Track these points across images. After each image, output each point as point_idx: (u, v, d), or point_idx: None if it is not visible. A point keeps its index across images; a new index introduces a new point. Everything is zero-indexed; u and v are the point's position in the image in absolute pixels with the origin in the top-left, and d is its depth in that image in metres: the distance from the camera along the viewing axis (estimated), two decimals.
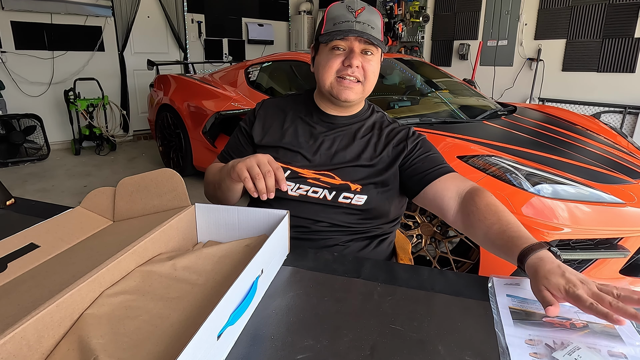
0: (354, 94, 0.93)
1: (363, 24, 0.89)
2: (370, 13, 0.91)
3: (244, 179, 0.77)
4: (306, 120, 1.02)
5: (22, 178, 3.72)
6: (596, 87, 4.32)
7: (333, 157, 0.97)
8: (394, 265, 0.80)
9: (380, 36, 0.92)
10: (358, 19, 0.89)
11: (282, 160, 0.98)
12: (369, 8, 0.92)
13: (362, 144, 0.99)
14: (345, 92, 0.93)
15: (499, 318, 0.62)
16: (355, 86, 0.93)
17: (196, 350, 0.44)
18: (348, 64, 0.90)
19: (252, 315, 0.62)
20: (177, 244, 0.79)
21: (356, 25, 0.89)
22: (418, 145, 0.99)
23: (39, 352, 0.50)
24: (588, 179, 1.75)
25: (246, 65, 3.38)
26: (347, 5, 0.91)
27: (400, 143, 0.99)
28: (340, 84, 0.93)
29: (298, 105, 1.05)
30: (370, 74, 0.93)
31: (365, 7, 0.91)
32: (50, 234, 0.80)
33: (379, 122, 1.05)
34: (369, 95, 1.00)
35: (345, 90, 0.93)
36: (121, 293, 0.62)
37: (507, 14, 4.75)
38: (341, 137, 1.00)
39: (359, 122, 1.02)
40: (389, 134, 1.02)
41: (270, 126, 1.03)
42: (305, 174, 0.96)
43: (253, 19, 6.10)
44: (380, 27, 0.92)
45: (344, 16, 0.90)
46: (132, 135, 5.24)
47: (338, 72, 0.92)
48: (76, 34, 4.58)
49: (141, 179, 0.86)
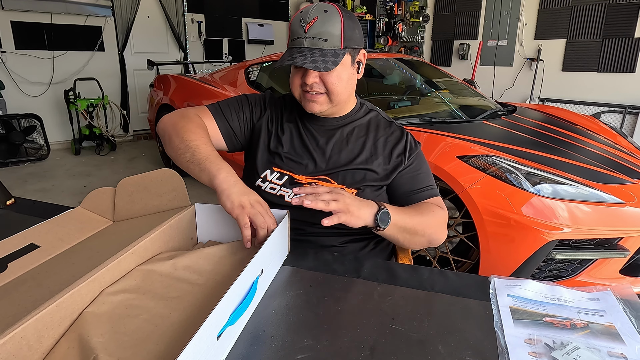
0: (320, 106, 0.94)
1: (313, 39, 0.86)
2: (323, 22, 0.86)
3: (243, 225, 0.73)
4: (300, 125, 1.02)
5: (22, 178, 3.72)
6: (596, 87, 4.32)
7: (328, 162, 0.97)
8: (394, 265, 0.80)
9: (339, 43, 0.87)
10: (308, 33, 0.86)
11: (279, 167, 0.98)
12: (323, 16, 0.86)
13: (357, 146, 0.99)
14: (310, 105, 0.94)
15: (499, 318, 0.62)
16: (318, 98, 0.92)
17: (196, 350, 0.44)
18: (305, 82, 0.90)
19: (252, 315, 0.62)
20: (177, 244, 0.79)
21: (306, 41, 0.87)
22: (414, 161, 1.01)
23: (39, 351, 0.50)
24: (588, 179, 1.75)
25: (246, 65, 3.38)
26: (301, 18, 0.88)
27: (399, 156, 1.00)
28: (305, 97, 0.93)
29: (295, 108, 1.05)
30: (332, 85, 0.90)
31: (317, 17, 0.86)
32: (51, 234, 0.80)
33: (375, 121, 1.04)
34: (369, 94, 0.99)
35: (310, 103, 0.93)
36: (121, 292, 0.62)
37: (507, 14, 4.75)
38: (334, 140, 0.99)
39: (351, 122, 1.02)
40: (387, 139, 1.01)
41: (272, 128, 1.03)
42: (301, 180, 0.96)
43: (253, 19, 6.10)
44: (339, 32, 0.87)
45: (296, 32, 0.88)
46: (132, 135, 5.24)
47: (302, 86, 0.92)
48: (76, 34, 4.57)
49: (141, 179, 0.86)
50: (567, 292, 0.69)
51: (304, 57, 0.86)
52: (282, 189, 0.96)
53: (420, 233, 0.90)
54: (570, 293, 0.68)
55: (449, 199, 1.91)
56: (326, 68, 0.86)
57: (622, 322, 0.61)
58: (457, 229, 1.93)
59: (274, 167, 0.98)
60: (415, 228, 0.89)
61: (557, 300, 0.66)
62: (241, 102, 1.05)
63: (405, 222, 0.87)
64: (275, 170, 0.98)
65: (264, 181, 0.98)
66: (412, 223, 0.89)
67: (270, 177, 0.98)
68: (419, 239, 0.91)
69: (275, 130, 1.02)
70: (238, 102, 1.05)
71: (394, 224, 0.85)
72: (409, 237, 0.90)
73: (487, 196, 1.72)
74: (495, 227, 1.70)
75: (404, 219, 0.87)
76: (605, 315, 0.63)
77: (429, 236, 0.92)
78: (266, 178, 0.98)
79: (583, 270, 1.68)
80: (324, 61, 0.86)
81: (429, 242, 0.94)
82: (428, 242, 0.94)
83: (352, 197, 0.81)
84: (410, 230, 0.89)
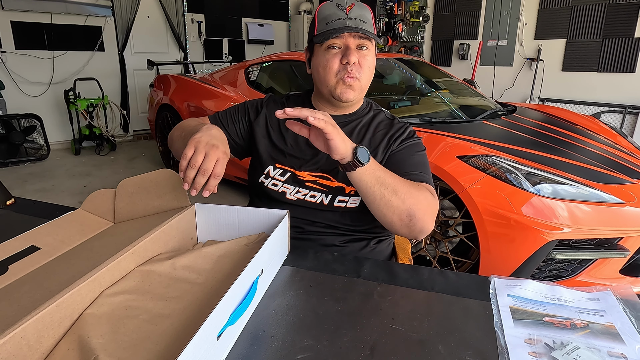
0: (354, 93, 0.94)
1: (355, 20, 0.90)
2: (360, 8, 0.92)
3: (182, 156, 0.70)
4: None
5: (22, 178, 3.72)
6: (596, 87, 4.32)
7: (328, 160, 0.97)
8: (394, 265, 0.80)
9: (373, 30, 0.92)
10: (350, 15, 0.90)
11: (281, 163, 0.98)
12: (359, 3, 0.92)
13: (357, 141, 0.99)
14: (347, 92, 0.93)
15: (499, 318, 0.62)
16: (354, 83, 0.93)
17: (196, 350, 0.44)
18: (346, 61, 0.90)
19: (252, 315, 0.62)
20: (177, 244, 0.79)
21: (349, 21, 0.89)
22: (404, 149, 0.98)
23: (39, 352, 0.50)
24: (588, 179, 1.75)
25: (246, 65, 3.38)
26: (337, 3, 0.91)
27: (389, 141, 0.98)
28: (344, 81, 0.93)
29: (297, 106, 1.05)
30: (366, 69, 0.93)
31: (355, 3, 0.91)
32: (51, 236, 0.80)
33: (378, 118, 1.04)
34: (369, 94, 1.00)
35: (347, 90, 0.93)
36: (121, 293, 0.62)
37: (507, 14, 4.75)
38: None
39: (356, 119, 1.02)
40: (387, 133, 1.00)
41: (273, 128, 1.03)
42: (303, 177, 0.96)
43: (253, 19, 6.10)
44: (371, 20, 0.93)
45: (335, 14, 0.90)
46: (132, 135, 5.24)
47: (339, 72, 0.92)
48: (76, 34, 4.57)
49: (141, 180, 0.86)
50: (567, 292, 0.69)
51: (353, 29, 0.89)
52: (284, 185, 0.96)
53: (400, 196, 0.81)
54: (570, 293, 0.68)
55: (449, 199, 1.91)
56: (374, 38, 0.91)
57: (622, 322, 0.61)
58: (457, 229, 1.93)
59: (276, 163, 0.98)
60: (395, 187, 0.81)
61: (557, 300, 0.66)
62: (239, 108, 1.07)
63: (385, 176, 0.81)
64: (277, 167, 0.98)
65: (266, 177, 0.98)
66: (392, 180, 0.82)
67: (273, 173, 0.98)
68: (397, 202, 0.81)
69: (278, 127, 1.02)
70: (236, 109, 1.07)
71: (372, 169, 0.79)
72: (387, 195, 0.80)
73: (487, 196, 1.72)
74: (495, 227, 1.70)
75: (385, 172, 0.82)
76: (605, 315, 0.63)
77: (409, 207, 0.81)
78: (269, 174, 0.98)
79: (583, 270, 1.68)
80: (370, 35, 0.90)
81: (409, 214, 0.82)
82: (409, 214, 0.82)
83: None
84: (388, 186, 0.81)
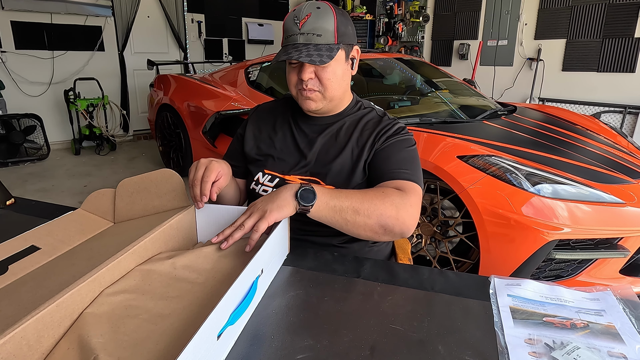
0: (315, 103, 0.94)
1: (307, 35, 0.87)
2: (316, 19, 0.87)
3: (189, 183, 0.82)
4: (294, 125, 1.02)
5: (22, 178, 3.72)
6: (596, 87, 4.31)
7: (317, 162, 0.97)
8: (394, 265, 0.80)
9: (332, 38, 0.88)
10: (302, 29, 0.87)
11: (271, 169, 0.98)
12: (316, 13, 0.87)
13: (343, 143, 0.97)
14: (307, 103, 0.94)
15: (499, 318, 0.62)
16: (313, 95, 0.93)
17: (196, 350, 0.44)
18: (301, 78, 0.90)
19: (252, 315, 0.62)
20: (177, 244, 0.79)
21: (300, 37, 0.88)
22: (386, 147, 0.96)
23: (39, 351, 0.50)
24: (588, 179, 1.75)
25: (246, 65, 3.38)
26: (294, 15, 0.89)
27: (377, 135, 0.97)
28: (302, 94, 0.93)
29: (288, 109, 1.05)
30: (327, 81, 0.91)
31: (311, 14, 0.87)
32: (51, 236, 0.80)
33: (367, 117, 1.02)
34: (369, 94, 0.99)
35: (307, 101, 0.94)
36: (121, 292, 0.62)
37: (507, 14, 4.74)
38: (324, 135, 0.99)
39: (342, 119, 1.01)
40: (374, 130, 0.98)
41: (261, 134, 1.04)
42: (292, 181, 0.96)
43: (253, 19, 6.10)
44: (332, 28, 0.88)
45: (291, 29, 0.89)
46: (132, 135, 5.23)
47: (297, 85, 0.93)
48: (76, 34, 4.57)
49: (141, 179, 0.86)
50: (567, 292, 0.69)
51: (299, 52, 0.86)
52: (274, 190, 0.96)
53: (363, 213, 0.80)
54: (570, 293, 0.68)
55: (449, 199, 1.91)
56: (321, 61, 0.86)
57: (622, 322, 0.61)
58: (457, 229, 1.93)
59: (265, 169, 0.99)
60: (355, 208, 0.79)
61: (557, 300, 0.66)
62: (235, 142, 1.09)
63: (341, 202, 0.79)
64: (266, 173, 0.99)
65: (257, 184, 0.99)
66: (349, 202, 0.79)
67: (262, 179, 0.99)
68: (362, 220, 0.80)
69: (267, 133, 1.03)
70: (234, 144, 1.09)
71: (324, 203, 0.77)
72: (350, 219, 0.79)
73: (487, 196, 1.72)
74: (495, 227, 1.70)
75: (339, 198, 0.79)
76: (605, 315, 0.63)
77: (376, 220, 0.80)
78: (258, 181, 0.99)
79: (583, 270, 1.68)
80: (319, 55, 0.86)
81: (381, 226, 0.81)
82: (380, 226, 0.81)
83: (266, 196, 0.79)
84: (347, 210, 0.79)
